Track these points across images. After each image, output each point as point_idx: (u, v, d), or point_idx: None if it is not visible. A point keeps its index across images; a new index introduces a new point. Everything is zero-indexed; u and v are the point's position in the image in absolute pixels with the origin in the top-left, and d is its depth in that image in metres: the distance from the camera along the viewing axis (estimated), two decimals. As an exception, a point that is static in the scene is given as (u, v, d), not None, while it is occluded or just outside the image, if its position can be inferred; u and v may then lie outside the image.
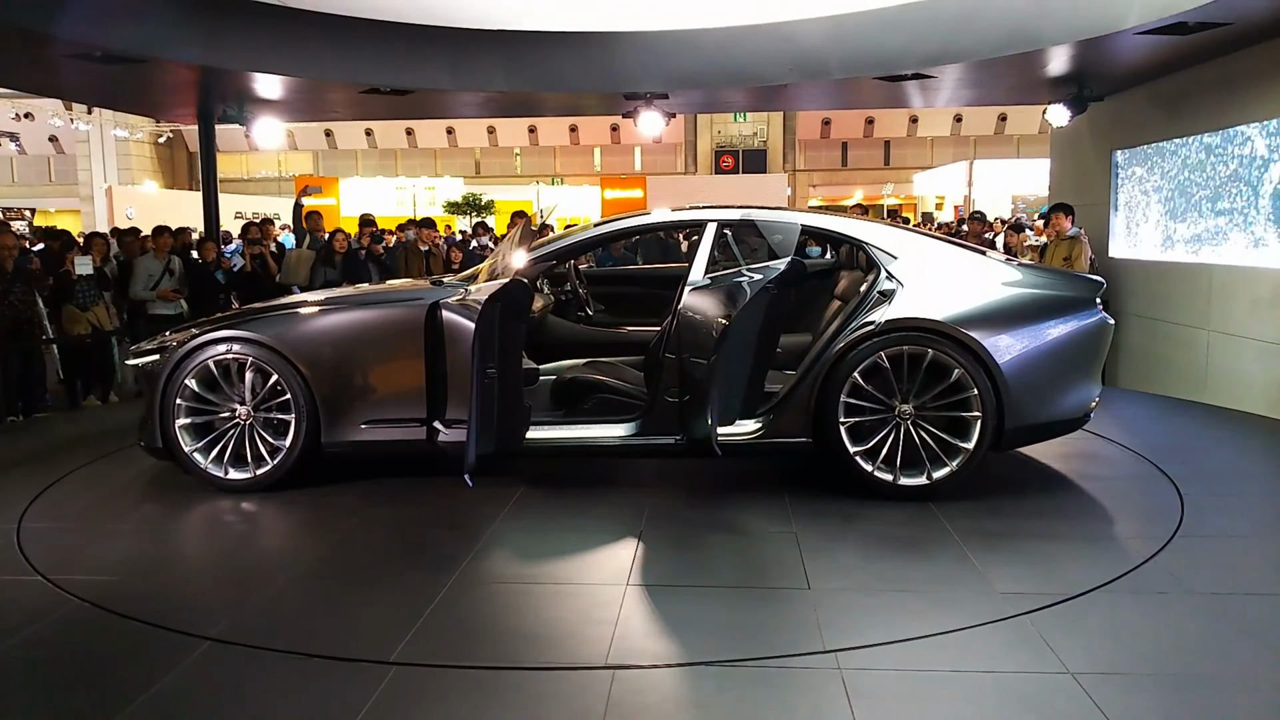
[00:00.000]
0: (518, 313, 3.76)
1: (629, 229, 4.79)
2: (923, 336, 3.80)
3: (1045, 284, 4.03)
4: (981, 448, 3.78)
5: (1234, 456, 4.83)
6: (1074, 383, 3.96)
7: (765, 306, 3.66)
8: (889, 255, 4.02)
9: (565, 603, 2.94)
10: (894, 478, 3.82)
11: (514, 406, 3.74)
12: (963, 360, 3.76)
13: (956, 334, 3.78)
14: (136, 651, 2.63)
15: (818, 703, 2.32)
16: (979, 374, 3.76)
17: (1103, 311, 4.02)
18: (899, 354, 3.80)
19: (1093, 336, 3.97)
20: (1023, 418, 3.83)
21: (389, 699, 2.36)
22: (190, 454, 3.98)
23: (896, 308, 3.85)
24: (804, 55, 7.60)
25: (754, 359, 3.76)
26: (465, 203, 18.58)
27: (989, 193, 20.00)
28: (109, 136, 27.32)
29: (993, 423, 3.77)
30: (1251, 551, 3.39)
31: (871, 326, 3.83)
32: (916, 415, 3.81)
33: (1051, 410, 3.94)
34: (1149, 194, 8.11)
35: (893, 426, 3.82)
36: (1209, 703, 2.34)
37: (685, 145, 31.07)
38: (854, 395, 3.83)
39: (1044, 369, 3.87)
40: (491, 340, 3.55)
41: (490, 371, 3.55)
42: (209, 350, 3.97)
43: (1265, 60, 6.42)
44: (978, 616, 2.76)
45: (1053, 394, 3.93)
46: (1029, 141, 28.26)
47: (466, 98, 9.18)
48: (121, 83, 7.87)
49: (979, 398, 3.75)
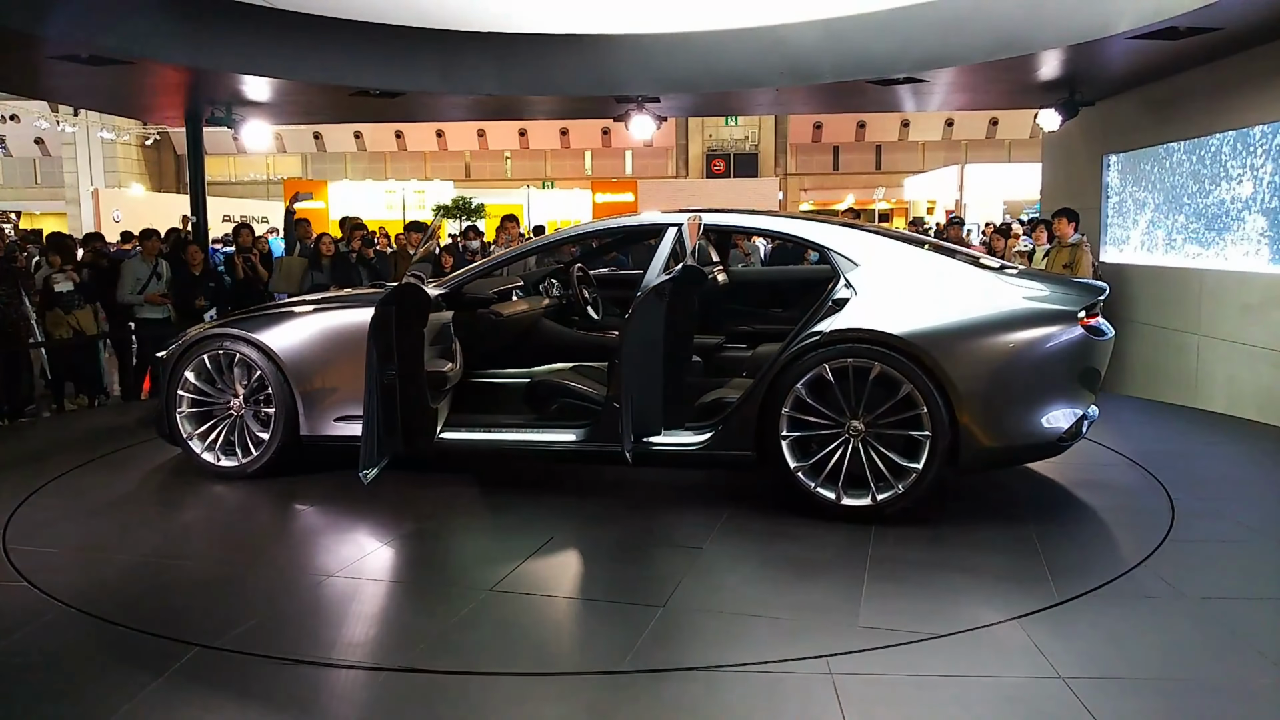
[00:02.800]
0: (416, 316, 3.80)
1: (564, 240, 4.99)
2: (870, 349, 3.56)
3: (1027, 295, 3.69)
4: (931, 470, 3.51)
5: (1224, 461, 4.85)
6: (1043, 403, 3.61)
7: (660, 312, 3.56)
8: (849, 262, 3.81)
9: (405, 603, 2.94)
10: (837, 497, 3.60)
11: (419, 408, 3.81)
12: (913, 375, 3.50)
13: (907, 347, 3.51)
14: (122, 658, 2.60)
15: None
16: (931, 391, 3.48)
17: (1081, 327, 3.63)
18: (844, 367, 3.58)
19: (1067, 353, 3.61)
20: (982, 440, 3.53)
21: (384, 703, 2.33)
22: (188, 440, 4.31)
23: (845, 317, 3.63)
24: (796, 58, 7.60)
25: (667, 365, 3.63)
26: (455, 206, 18.50)
27: (980, 197, 20.07)
28: (95, 138, 27.17)
29: (945, 444, 3.51)
30: (1241, 556, 3.39)
31: (817, 337, 3.62)
32: (868, 432, 3.59)
33: (1016, 433, 3.62)
34: (1140, 199, 8.14)
35: (842, 443, 3.61)
36: (1199, 707, 2.34)
37: (676, 149, 31.12)
38: (798, 409, 3.63)
39: (1008, 388, 3.57)
40: (388, 343, 3.69)
41: (391, 374, 3.68)
42: (205, 346, 4.31)
43: (1256, 66, 6.46)
44: (810, 649, 2.59)
45: (1018, 415, 3.60)
46: (1020, 146, 28.40)
47: (457, 100, 9.15)
48: (108, 85, 7.80)
49: (929, 416, 3.49)
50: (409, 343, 3.77)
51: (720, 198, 19.77)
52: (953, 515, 3.73)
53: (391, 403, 3.74)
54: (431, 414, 3.87)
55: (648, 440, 3.75)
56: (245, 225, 8.78)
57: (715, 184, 26.14)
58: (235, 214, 20.38)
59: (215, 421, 4.32)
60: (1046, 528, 3.60)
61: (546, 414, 4.19)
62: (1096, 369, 3.80)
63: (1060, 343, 3.60)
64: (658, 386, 3.64)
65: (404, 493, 4.10)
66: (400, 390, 3.76)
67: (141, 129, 28.42)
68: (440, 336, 4.12)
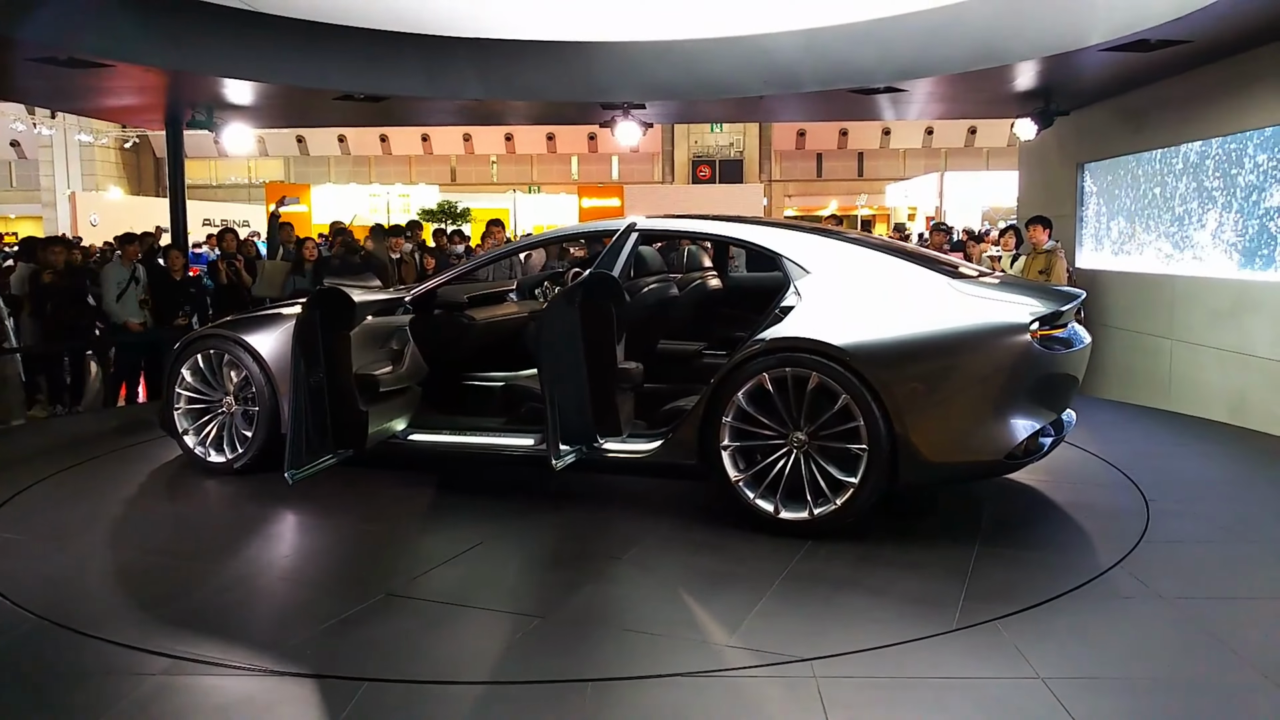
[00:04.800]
0: (341, 320, 3.83)
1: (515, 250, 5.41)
2: (808, 358, 3.45)
3: (979, 306, 3.49)
4: (868, 485, 3.38)
5: (1196, 463, 4.92)
6: (988, 419, 3.42)
7: (571, 317, 3.56)
8: (801, 269, 3.73)
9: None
10: (775, 510, 3.50)
11: (348, 411, 3.85)
12: (850, 387, 3.37)
13: (844, 357, 3.39)
14: (95, 670, 2.56)
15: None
16: (868, 403, 3.36)
17: (1033, 339, 3.41)
18: (783, 376, 3.47)
19: (1014, 367, 3.41)
20: (923, 456, 3.38)
21: (357, 714, 2.33)
22: (182, 435, 4.48)
23: (786, 325, 3.55)
24: (778, 67, 7.67)
25: (590, 374, 3.60)
26: (440, 211, 18.45)
27: (959, 203, 20.30)
28: (73, 141, 26.88)
29: (883, 459, 3.37)
30: (1215, 556, 3.44)
31: (758, 345, 3.55)
32: (811, 444, 3.49)
33: (958, 449, 3.46)
34: (1114, 206, 8.28)
35: (785, 455, 3.51)
36: (1175, 706, 2.37)
37: (662, 155, 31.21)
38: (739, 418, 3.55)
39: (947, 402, 3.42)
40: (314, 347, 3.72)
41: (318, 377, 3.73)
42: (198, 346, 4.49)
43: (1223, 77, 6.59)
44: (661, 668, 2.51)
45: (960, 431, 3.44)
46: (998, 154, 28.73)
47: (442, 105, 9.15)
48: (87, 87, 7.74)
49: (866, 429, 3.36)
50: (335, 347, 3.80)
51: (705, 203, 19.86)
52: (899, 531, 3.63)
53: (320, 405, 3.78)
54: (362, 417, 3.87)
55: (599, 447, 3.76)
56: (230, 229, 8.70)
57: (700, 190, 26.25)
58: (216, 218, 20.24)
59: (210, 418, 4.49)
60: (993, 547, 3.44)
61: (517, 418, 4.21)
62: (1059, 382, 3.64)
63: (1006, 356, 3.41)
64: (583, 393, 3.62)
65: (367, 492, 4.17)
66: (329, 393, 3.79)
67: (120, 132, 28.15)
68: (385, 340, 4.17)
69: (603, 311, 3.64)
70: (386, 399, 4.06)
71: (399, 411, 4.17)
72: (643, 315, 4.31)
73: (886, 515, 3.74)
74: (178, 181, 9.42)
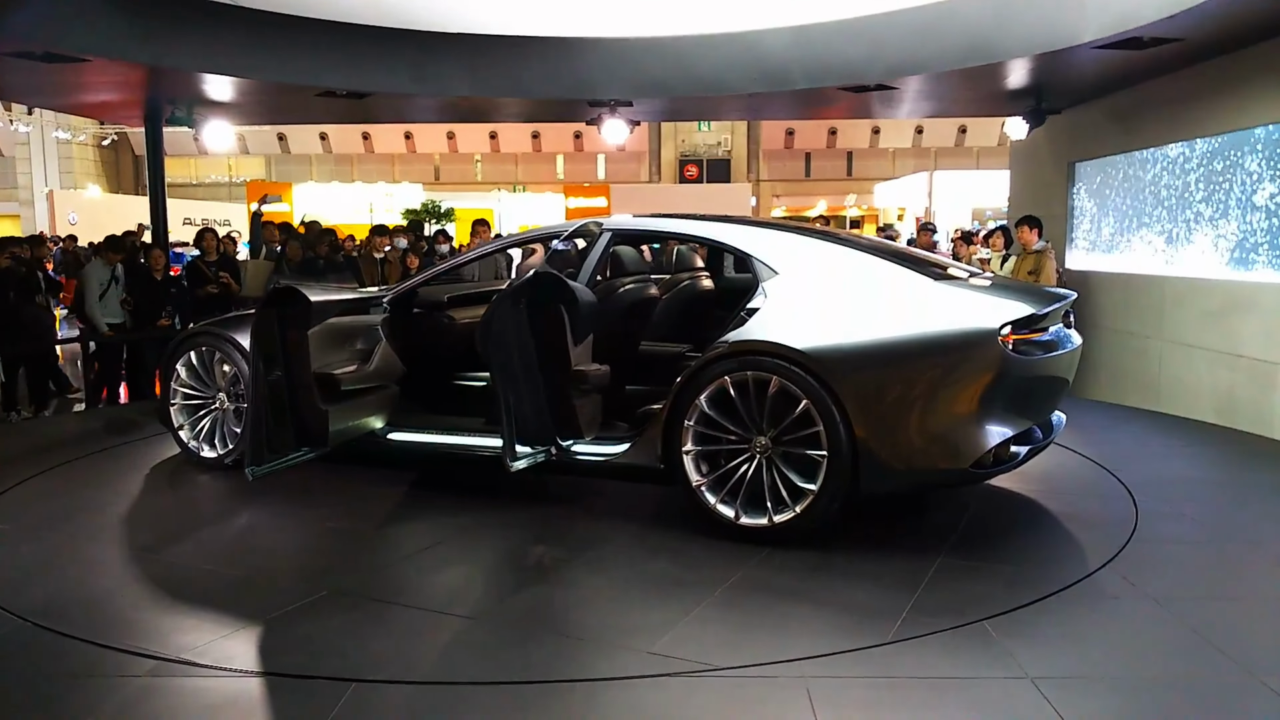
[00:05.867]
0: (297, 320, 3.87)
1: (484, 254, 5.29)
2: (769, 362, 3.39)
3: (950, 309, 3.40)
4: (829, 492, 3.31)
5: (1184, 464, 4.94)
6: (953, 427, 3.30)
7: (515, 317, 3.53)
8: (769, 269, 3.67)
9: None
10: (736, 515, 3.45)
11: (307, 409, 3.91)
12: (810, 391, 3.30)
13: (804, 360, 3.32)
14: (79, 672, 2.53)
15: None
16: (829, 408, 3.28)
17: (1005, 344, 3.28)
18: (745, 380, 3.42)
19: (980, 374, 3.26)
20: (885, 463, 3.31)
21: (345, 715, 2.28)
22: (178, 430, 4.64)
23: (750, 328, 3.50)
24: (768, 64, 7.62)
25: (541, 375, 3.59)
26: (424, 210, 18.30)
27: (949, 203, 20.32)
28: (50, 138, 26.53)
29: (845, 465, 3.29)
30: (1203, 557, 3.46)
31: (722, 348, 3.49)
32: (774, 450, 3.43)
33: (922, 457, 3.35)
34: (1105, 206, 8.27)
35: (747, 459, 3.46)
36: (1163, 705, 2.37)
37: (649, 154, 31.15)
38: (701, 422, 3.50)
39: (908, 408, 3.31)
40: (271, 346, 3.79)
41: (276, 375, 3.79)
42: (191, 343, 4.63)
43: (1216, 76, 6.58)
44: (580, 673, 2.52)
45: (923, 438, 3.33)
46: (988, 154, 28.83)
47: (426, 102, 9.04)
48: (64, 83, 7.59)
49: (825, 435, 3.29)
50: (293, 345, 3.87)
51: (693, 203, 19.81)
52: (865, 539, 3.55)
53: (279, 403, 3.83)
54: (321, 415, 3.90)
55: (569, 449, 3.75)
56: (209, 229, 8.52)
57: (688, 189, 26.20)
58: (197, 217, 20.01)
59: (204, 414, 4.64)
60: (958, 557, 3.35)
61: (494, 418, 4.15)
62: (1037, 387, 3.54)
63: (974, 362, 3.27)
64: (539, 395, 3.60)
65: (343, 489, 4.24)
66: (288, 391, 3.86)
67: (98, 129, 27.82)
68: (351, 340, 4.21)
69: (550, 312, 3.61)
70: (354, 398, 4.08)
71: (372, 410, 4.19)
72: (618, 315, 4.26)
73: (860, 521, 3.70)
74: (157, 179, 9.27)
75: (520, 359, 3.56)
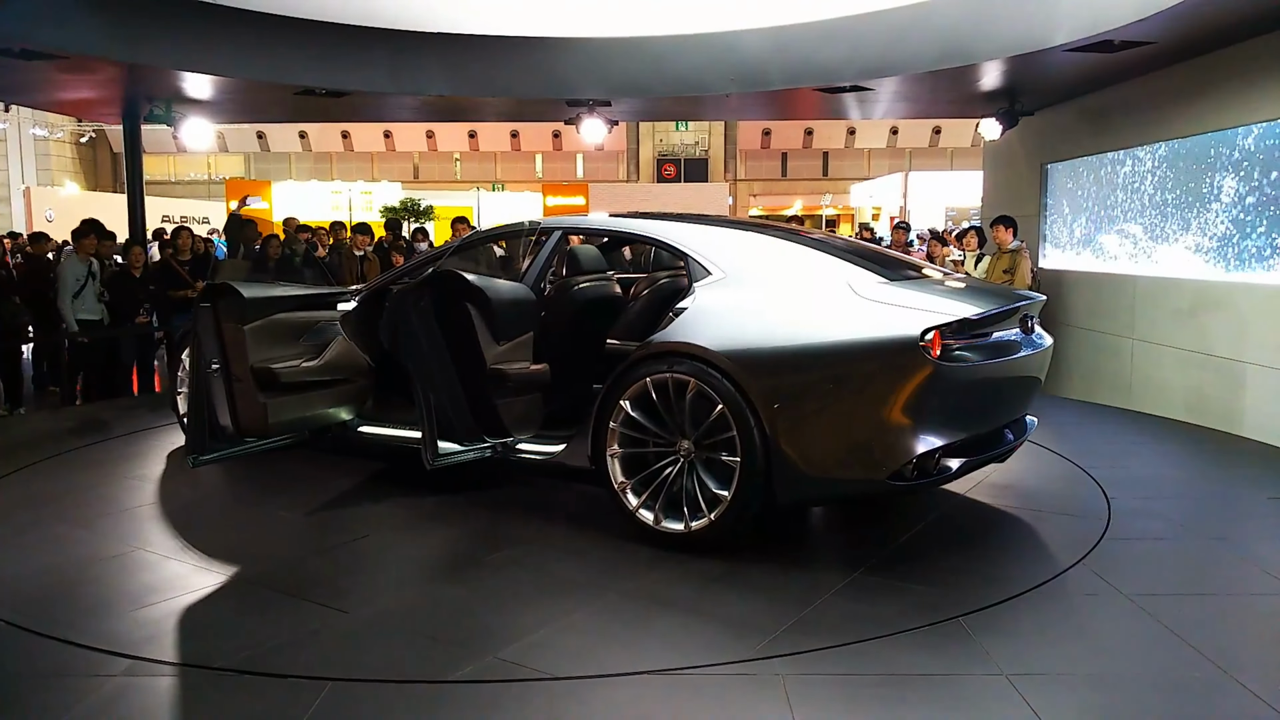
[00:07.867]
0: (233, 314, 3.94)
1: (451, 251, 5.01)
2: (689, 364, 3.31)
3: (883, 312, 3.22)
4: (743, 498, 3.22)
5: (1156, 461, 5.00)
6: (875, 436, 3.16)
7: (419, 316, 3.54)
8: (704, 270, 3.60)
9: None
10: (655, 520, 3.38)
11: (247, 402, 3.94)
12: (725, 395, 3.21)
13: (721, 363, 3.25)
14: (53, 672, 2.51)
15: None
16: (744, 412, 3.19)
17: (926, 350, 3.08)
18: (666, 382, 3.35)
19: (905, 382, 3.09)
20: (799, 470, 3.20)
21: (323, 713, 2.28)
22: (183, 418, 4.84)
23: (674, 329, 3.43)
24: (745, 65, 7.67)
25: (456, 375, 3.59)
26: (403, 208, 18.22)
27: (923, 203, 20.52)
28: (27, 135, 26.14)
29: (758, 471, 3.19)
30: (1175, 553, 3.50)
31: (646, 350, 3.45)
32: (696, 454, 3.36)
33: (839, 465, 3.24)
34: (1077, 206, 8.40)
35: (671, 463, 3.39)
36: (1137, 701, 2.39)
37: (627, 153, 31.19)
38: (626, 424, 3.44)
39: (823, 415, 3.19)
40: (210, 339, 3.87)
41: (214, 367, 3.86)
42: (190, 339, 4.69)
43: (1185, 79, 6.71)
44: (421, 675, 2.48)
45: (837, 447, 3.22)
46: (962, 154, 29.14)
47: (405, 101, 9.02)
48: (42, 79, 7.51)
49: (739, 439, 3.20)
50: (231, 339, 3.93)
51: (669, 202, 19.87)
52: (790, 547, 3.53)
53: (220, 395, 3.90)
54: (260, 408, 3.92)
55: (511, 445, 3.79)
56: (184, 227, 8.46)
57: (665, 188, 26.27)
58: (175, 214, 19.80)
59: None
60: (879, 572, 3.21)
61: None
62: (978, 393, 3.36)
63: (893, 369, 3.10)
64: (457, 393, 3.60)
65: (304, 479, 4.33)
66: (226, 384, 3.92)
67: (76, 126, 27.46)
68: (299, 334, 4.24)
69: (460, 314, 3.63)
70: (302, 390, 4.11)
71: (331, 403, 4.24)
72: (572, 314, 4.25)
73: (799, 525, 3.74)
74: (136, 177, 9.19)
75: (435, 358, 3.57)
